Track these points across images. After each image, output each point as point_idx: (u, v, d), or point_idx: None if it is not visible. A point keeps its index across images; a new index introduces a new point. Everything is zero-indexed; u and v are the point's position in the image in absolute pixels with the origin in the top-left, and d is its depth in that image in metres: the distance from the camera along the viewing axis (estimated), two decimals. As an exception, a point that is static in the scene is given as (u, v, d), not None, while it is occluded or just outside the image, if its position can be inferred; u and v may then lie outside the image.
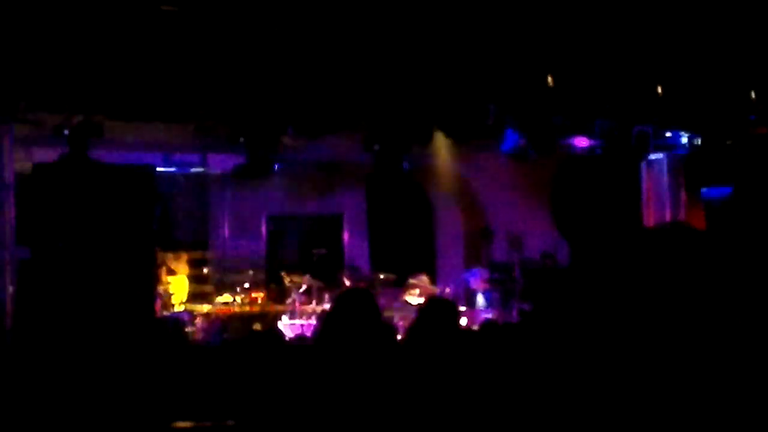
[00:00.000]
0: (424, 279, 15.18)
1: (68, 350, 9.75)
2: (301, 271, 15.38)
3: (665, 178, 15.61)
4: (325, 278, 15.23)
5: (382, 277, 15.33)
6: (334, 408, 5.04)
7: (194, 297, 15.07)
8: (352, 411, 5.02)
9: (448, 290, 15.05)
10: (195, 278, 15.66)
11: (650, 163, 15.59)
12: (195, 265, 15.83)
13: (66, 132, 11.67)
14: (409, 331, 5.71)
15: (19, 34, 9.39)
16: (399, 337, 9.29)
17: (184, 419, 6.60)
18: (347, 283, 14.53)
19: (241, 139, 13.59)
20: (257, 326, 13.52)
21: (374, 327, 5.33)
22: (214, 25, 9.60)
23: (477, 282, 15.77)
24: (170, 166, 15.06)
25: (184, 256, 15.33)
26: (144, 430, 6.89)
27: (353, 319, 5.27)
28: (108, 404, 7.70)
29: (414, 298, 14.69)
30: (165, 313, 13.71)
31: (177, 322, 13.24)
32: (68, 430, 7.06)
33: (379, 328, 5.45)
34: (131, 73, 11.09)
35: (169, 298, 14.36)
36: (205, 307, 14.62)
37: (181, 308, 14.39)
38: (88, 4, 8.78)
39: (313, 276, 15.11)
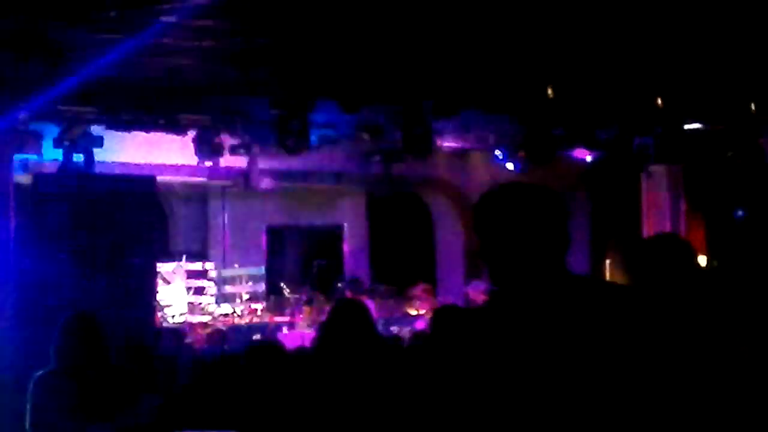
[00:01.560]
0: (425, 290, 15.17)
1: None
2: (301, 283, 15.38)
3: (665, 189, 15.62)
4: (325, 289, 15.23)
5: (382, 288, 15.33)
6: (333, 418, 5.03)
7: (194, 308, 15.06)
8: (351, 421, 5.01)
9: (449, 301, 15.02)
10: (194, 289, 15.65)
11: (650, 174, 15.60)
12: (194, 276, 15.82)
13: (66, 142, 11.68)
14: (424, 341, 5.70)
15: (17, 43, 9.38)
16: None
17: (184, 430, 6.60)
18: (349, 295, 14.51)
19: (242, 151, 13.61)
20: (257, 338, 13.50)
21: (368, 337, 5.32)
22: (212, 33, 9.59)
23: (476, 293, 15.75)
24: (170, 177, 15.04)
25: (182, 268, 15.33)
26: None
27: (347, 330, 5.26)
28: (107, 415, 7.67)
29: (414, 310, 14.68)
30: (164, 324, 13.69)
31: (177, 333, 13.24)
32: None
33: (373, 337, 5.45)
34: (130, 83, 11.10)
35: (167, 310, 14.35)
36: (205, 319, 14.60)
37: (181, 320, 14.38)
38: (85, 10, 8.76)
39: (313, 287, 15.10)
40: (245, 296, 15.57)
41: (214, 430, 6.31)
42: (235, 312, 15.02)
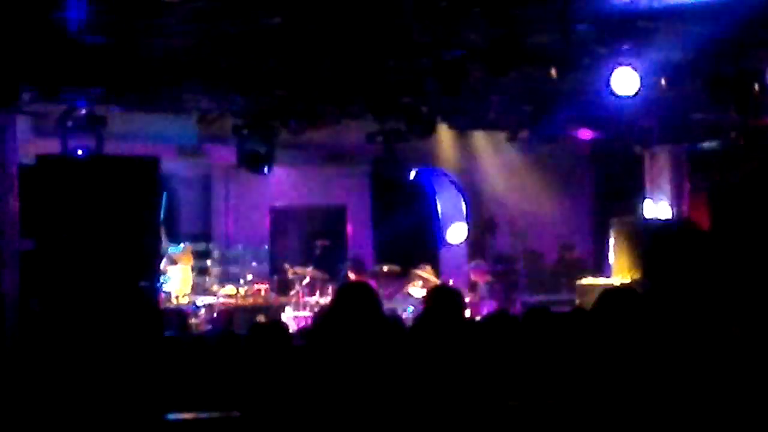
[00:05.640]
0: (428, 270, 15.17)
1: (72, 341, 9.76)
2: (305, 263, 15.39)
3: (668, 171, 15.60)
4: (329, 270, 15.24)
5: (385, 269, 15.32)
6: (337, 400, 5.04)
7: (198, 289, 15.08)
8: (355, 403, 5.02)
9: (451, 282, 15.04)
10: (198, 270, 15.67)
11: (653, 155, 15.59)
12: (198, 257, 15.83)
13: (69, 123, 11.68)
14: (416, 322, 5.71)
15: (22, 25, 9.36)
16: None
17: (188, 410, 6.61)
18: (351, 275, 14.52)
19: (245, 131, 13.60)
20: (261, 318, 13.53)
21: (375, 320, 5.32)
22: (215, 13, 9.57)
23: (478, 274, 15.77)
24: (174, 158, 15.05)
25: (188, 248, 15.33)
26: (148, 421, 6.90)
27: (354, 313, 5.26)
28: (111, 394, 7.71)
29: (417, 290, 14.68)
30: (168, 305, 13.71)
31: (181, 313, 13.26)
32: (71, 420, 7.07)
33: (380, 321, 5.44)
34: (134, 65, 11.08)
35: (173, 290, 14.37)
36: (209, 299, 14.62)
37: (185, 300, 14.40)
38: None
39: (317, 268, 15.11)
40: (249, 277, 15.59)
41: (217, 411, 6.33)
42: (238, 292, 15.03)
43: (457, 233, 15.93)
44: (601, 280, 14.67)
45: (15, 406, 7.56)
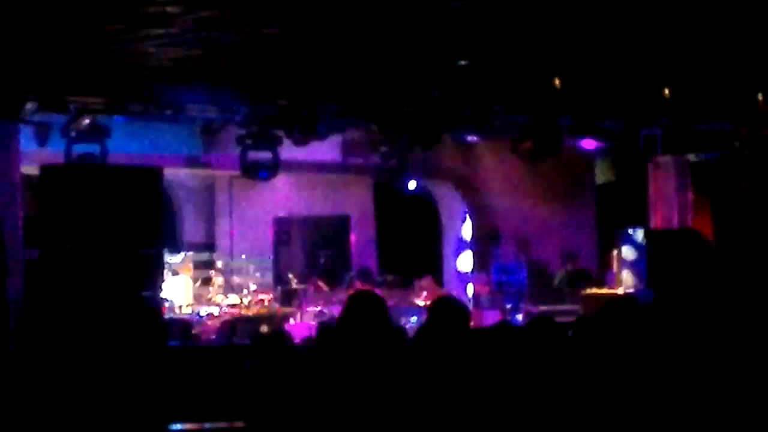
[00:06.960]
0: (431, 281, 15.18)
1: (74, 351, 9.76)
2: (308, 273, 15.39)
3: (672, 180, 15.57)
4: (332, 280, 15.24)
5: (389, 278, 15.33)
6: (342, 410, 5.03)
7: (201, 299, 15.07)
8: (360, 414, 5.01)
9: (454, 293, 15.04)
10: (202, 280, 15.66)
11: (657, 164, 15.56)
12: (202, 266, 15.82)
13: (73, 133, 11.68)
14: (420, 332, 5.69)
15: (24, 34, 9.37)
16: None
17: (192, 420, 6.61)
18: (358, 284, 14.53)
19: (248, 141, 13.59)
20: (265, 328, 13.52)
21: (384, 330, 5.32)
22: (218, 22, 9.58)
23: (480, 285, 15.76)
24: (177, 168, 15.05)
25: (189, 259, 15.34)
26: (151, 430, 6.90)
27: (364, 323, 5.25)
28: (114, 404, 7.71)
29: (421, 300, 14.68)
30: (172, 315, 13.70)
31: (184, 323, 13.25)
32: (74, 429, 7.08)
33: (389, 331, 5.44)
34: (138, 74, 11.10)
35: (176, 300, 14.36)
36: (213, 310, 14.61)
37: (188, 310, 14.39)
38: (96, 3, 8.75)
39: (320, 278, 15.11)
40: (252, 287, 15.58)
41: (221, 421, 6.33)
42: (242, 302, 15.03)
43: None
44: (605, 291, 14.67)
45: (19, 414, 7.55)
